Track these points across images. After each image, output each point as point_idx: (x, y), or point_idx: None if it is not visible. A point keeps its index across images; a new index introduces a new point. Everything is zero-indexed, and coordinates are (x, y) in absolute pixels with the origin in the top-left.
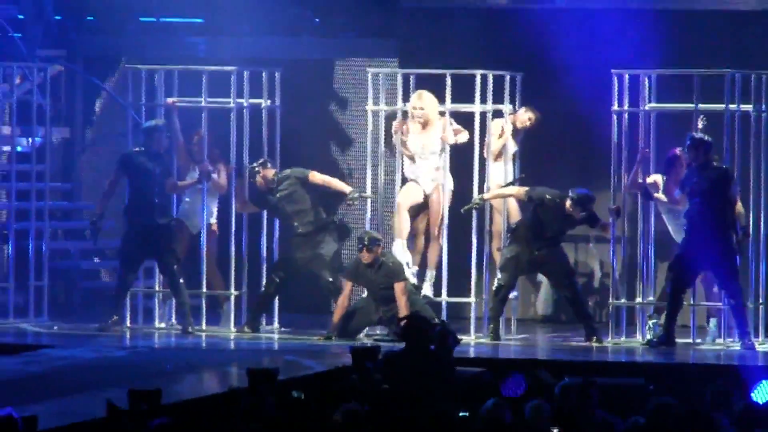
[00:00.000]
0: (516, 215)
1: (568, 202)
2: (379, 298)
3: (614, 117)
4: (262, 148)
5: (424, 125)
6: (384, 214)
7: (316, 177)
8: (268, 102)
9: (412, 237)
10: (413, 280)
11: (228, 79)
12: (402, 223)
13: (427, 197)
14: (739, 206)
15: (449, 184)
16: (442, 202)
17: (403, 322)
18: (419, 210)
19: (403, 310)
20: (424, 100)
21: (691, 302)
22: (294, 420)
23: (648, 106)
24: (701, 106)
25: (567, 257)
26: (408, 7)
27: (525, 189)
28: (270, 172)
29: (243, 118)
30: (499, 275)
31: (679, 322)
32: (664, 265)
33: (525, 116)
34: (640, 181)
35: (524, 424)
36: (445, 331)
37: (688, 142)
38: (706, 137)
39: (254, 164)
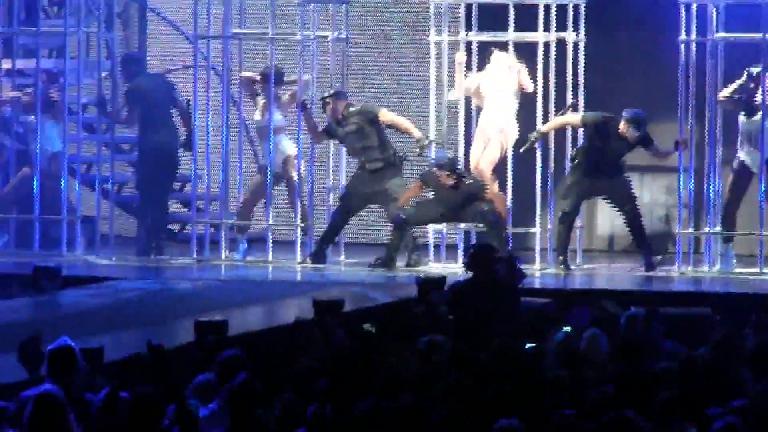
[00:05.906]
0: None
1: (622, 123)
2: (452, 211)
3: (681, 47)
4: (329, 82)
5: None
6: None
7: (386, 116)
8: (335, 34)
9: None
10: None
11: (295, 11)
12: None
13: (489, 139)
14: None
15: (515, 131)
16: (506, 146)
17: (470, 252)
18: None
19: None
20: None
21: (761, 232)
22: (364, 353)
23: (716, 36)
24: None
25: (629, 183)
26: None
27: (579, 115)
28: (341, 104)
29: (310, 51)
30: (562, 203)
31: (745, 252)
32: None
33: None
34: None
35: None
36: (513, 260)
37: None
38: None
39: (326, 95)
